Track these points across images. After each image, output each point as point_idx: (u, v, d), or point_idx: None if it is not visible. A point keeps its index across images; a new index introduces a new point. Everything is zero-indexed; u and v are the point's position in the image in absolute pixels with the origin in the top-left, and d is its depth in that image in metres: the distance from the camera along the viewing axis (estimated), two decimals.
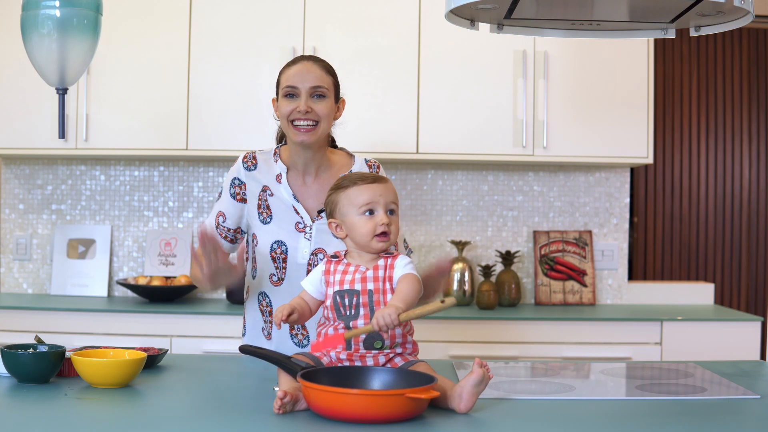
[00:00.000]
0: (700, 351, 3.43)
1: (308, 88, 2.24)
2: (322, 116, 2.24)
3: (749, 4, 1.85)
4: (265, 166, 2.32)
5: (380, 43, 3.66)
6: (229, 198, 2.32)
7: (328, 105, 2.27)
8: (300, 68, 2.26)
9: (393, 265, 1.88)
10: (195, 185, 4.01)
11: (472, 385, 1.68)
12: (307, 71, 2.25)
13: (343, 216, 1.92)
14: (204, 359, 2.25)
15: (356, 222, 1.89)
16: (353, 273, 1.88)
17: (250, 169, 2.32)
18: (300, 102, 2.23)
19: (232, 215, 2.32)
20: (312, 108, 2.23)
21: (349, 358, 1.83)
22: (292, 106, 2.24)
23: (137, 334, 3.42)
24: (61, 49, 2.08)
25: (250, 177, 2.31)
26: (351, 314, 1.84)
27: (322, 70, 2.27)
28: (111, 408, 1.74)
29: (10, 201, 4.02)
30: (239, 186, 2.32)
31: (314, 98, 2.25)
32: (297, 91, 2.24)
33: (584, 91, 3.68)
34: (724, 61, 5.19)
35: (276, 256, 2.26)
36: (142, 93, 3.65)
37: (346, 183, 1.93)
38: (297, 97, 2.24)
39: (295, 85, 2.24)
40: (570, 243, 3.97)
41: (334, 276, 1.89)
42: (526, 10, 2.03)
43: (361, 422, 1.59)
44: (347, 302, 1.85)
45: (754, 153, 5.20)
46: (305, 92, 2.24)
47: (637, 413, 1.74)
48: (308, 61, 2.28)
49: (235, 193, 2.32)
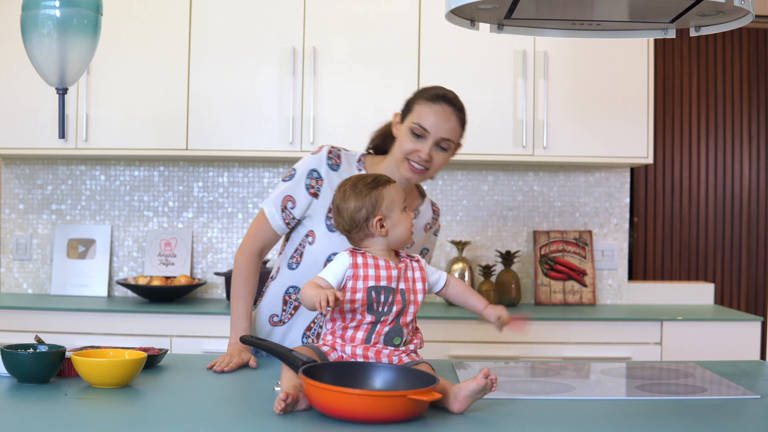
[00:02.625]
0: (700, 351, 3.43)
1: (438, 137, 2.17)
2: (436, 166, 2.20)
3: (749, 4, 1.85)
4: (348, 170, 2.25)
5: (380, 43, 3.66)
6: (303, 189, 2.24)
7: (446, 158, 2.21)
8: (440, 111, 2.17)
9: (422, 268, 1.94)
10: (195, 185, 4.01)
11: (472, 390, 1.69)
12: (445, 119, 2.17)
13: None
14: (204, 359, 2.25)
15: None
16: (386, 269, 1.88)
17: (332, 168, 2.24)
18: (425, 147, 2.16)
19: (302, 205, 2.24)
20: (432, 157, 2.17)
21: (364, 354, 1.83)
22: (416, 147, 2.16)
23: (137, 334, 3.42)
24: (61, 49, 2.08)
25: (329, 175, 2.23)
26: (383, 311, 1.85)
27: (457, 121, 2.20)
28: (111, 408, 1.74)
29: (10, 201, 4.02)
30: (317, 180, 2.23)
31: (437, 148, 2.18)
32: (426, 134, 2.16)
33: (584, 91, 3.68)
34: (724, 61, 5.19)
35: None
36: (142, 93, 3.65)
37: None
38: (424, 139, 2.17)
39: (428, 129, 2.16)
40: (570, 243, 3.97)
41: (365, 270, 1.87)
42: (526, 10, 2.03)
43: (362, 422, 1.59)
44: (383, 299, 1.85)
45: (754, 153, 5.20)
46: (433, 139, 2.16)
47: (637, 413, 1.74)
48: (449, 106, 2.19)
49: (310, 185, 2.23)
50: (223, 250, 4.00)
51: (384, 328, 1.85)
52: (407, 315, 1.88)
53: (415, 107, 2.20)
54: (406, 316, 1.87)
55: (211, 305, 3.68)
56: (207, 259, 4.00)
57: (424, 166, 2.17)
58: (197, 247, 4.01)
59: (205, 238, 4.01)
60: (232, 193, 4.01)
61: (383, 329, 1.85)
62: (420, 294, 1.91)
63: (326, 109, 3.60)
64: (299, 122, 3.62)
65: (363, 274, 1.86)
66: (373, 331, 1.84)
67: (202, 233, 4.01)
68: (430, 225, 2.37)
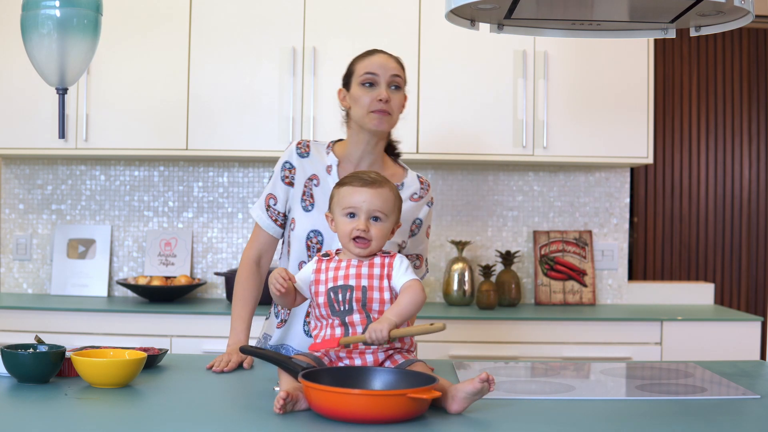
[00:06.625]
0: (700, 351, 3.43)
1: (389, 76, 2.25)
2: (396, 108, 2.27)
3: (749, 4, 1.85)
4: (317, 156, 2.32)
5: (380, 43, 3.64)
6: (280, 181, 2.32)
7: (402, 97, 2.29)
8: (379, 59, 2.28)
9: (391, 264, 1.89)
10: (195, 185, 4.01)
11: (469, 392, 1.69)
12: (386, 61, 2.27)
13: (333, 212, 1.96)
14: (204, 359, 2.25)
15: (339, 221, 1.93)
16: (346, 268, 1.88)
17: (302, 156, 2.31)
18: (381, 90, 2.24)
19: (282, 198, 2.32)
20: (390, 97, 2.24)
21: (348, 355, 1.83)
22: (372, 95, 2.24)
23: (137, 334, 3.42)
24: (61, 49, 2.08)
25: (300, 163, 2.31)
26: (345, 309, 1.85)
27: (397, 62, 2.30)
28: (111, 408, 1.74)
29: (10, 201, 4.02)
30: (289, 170, 2.31)
31: (392, 89, 2.26)
32: (377, 79, 2.25)
33: (584, 91, 3.68)
34: (724, 61, 5.19)
35: (311, 245, 2.27)
36: (142, 93, 3.65)
37: (344, 180, 1.96)
38: (376, 85, 2.25)
39: (376, 72, 2.25)
40: (570, 243, 3.97)
41: (326, 274, 1.90)
42: (526, 10, 2.03)
43: (363, 422, 1.59)
44: (341, 297, 1.85)
45: (754, 153, 5.20)
46: (385, 81, 2.25)
47: (637, 413, 1.74)
48: (384, 53, 2.30)
49: (285, 176, 2.31)
50: (223, 250, 4.01)
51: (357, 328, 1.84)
52: (372, 312, 1.85)
53: (355, 68, 2.30)
54: (372, 313, 1.85)
55: (211, 305, 3.68)
56: (207, 259, 4.00)
57: (386, 109, 2.23)
58: (197, 247, 4.01)
59: (205, 238, 4.01)
60: (232, 193, 4.01)
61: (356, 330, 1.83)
62: (386, 291, 1.86)
63: (326, 109, 3.60)
64: (299, 122, 3.62)
65: (324, 278, 1.89)
66: (348, 333, 1.84)
67: (202, 233, 4.01)
68: (419, 195, 2.36)
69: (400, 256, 1.91)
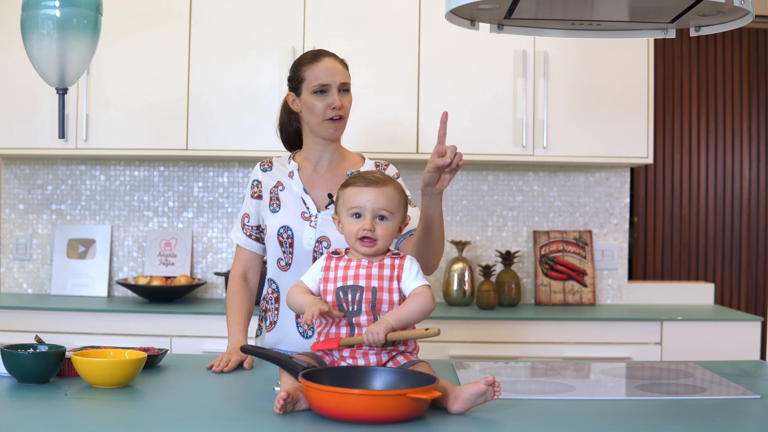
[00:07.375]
0: (700, 351, 3.43)
1: (338, 83, 2.35)
2: (347, 110, 2.39)
3: (749, 4, 1.85)
4: (280, 167, 2.45)
5: (380, 43, 3.66)
6: (250, 198, 2.45)
7: (350, 99, 2.40)
8: (327, 64, 2.36)
9: (402, 266, 1.88)
10: (195, 185, 4.01)
11: (472, 394, 1.68)
12: (334, 67, 2.37)
13: (339, 214, 1.96)
14: (204, 359, 2.25)
15: (345, 222, 1.94)
16: (356, 268, 1.88)
17: (265, 171, 2.45)
18: (333, 98, 2.34)
19: (254, 213, 2.44)
20: (342, 103, 2.36)
21: (351, 355, 1.83)
22: (326, 102, 2.34)
23: (137, 334, 3.42)
24: (61, 49, 2.08)
25: (265, 177, 2.44)
26: (353, 310, 1.84)
27: (342, 65, 2.40)
28: (111, 408, 1.74)
29: (10, 201, 4.02)
30: (257, 186, 2.44)
31: (341, 93, 2.36)
32: (328, 87, 2.35)
33: (584, 91, 3.68)
34: (724, 61, 5.19)
35: (283, 240, 2.34)
36: (142, 93, 3.65)
37: (348, 182, 1.96)
38: (328, 92, 2.35)
39: (327, 82, 2.34)
40: (570, 243, 3.97)
41: (336, 272, 1.89)
42: (526, 10, 2.03)
43: (363, 422, 1.59)
44: (350, 298, 1.85)
45: (754, 153, 5.20)
46: (335, 87, 2.35)
47: (637, 413, 1.74)
48: (330, 56, 2.39)
49: (254, 192, 2.44)
50: (223, 250, 4.00)
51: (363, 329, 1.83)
52: (381, 314, 1.84)
53: (305, 74, 2.37)
54: (380, 315, 1.84)
55: (211, 305, 3.68)
56: (207, 259, 4.00)
57: (340, 115, 2.35)
58: (197, 247, 4.01)
59: (205, 238, 4.01)
60: (232, 193, 4.01)
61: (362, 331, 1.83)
62: (395, 293, 1.86)
63: None
64: None
65: (333, 276, 1.89)
66: (353, 333, 1.84)
67: (202, 233, 4.01)
68: None
69: (410, 258, 1.90)
